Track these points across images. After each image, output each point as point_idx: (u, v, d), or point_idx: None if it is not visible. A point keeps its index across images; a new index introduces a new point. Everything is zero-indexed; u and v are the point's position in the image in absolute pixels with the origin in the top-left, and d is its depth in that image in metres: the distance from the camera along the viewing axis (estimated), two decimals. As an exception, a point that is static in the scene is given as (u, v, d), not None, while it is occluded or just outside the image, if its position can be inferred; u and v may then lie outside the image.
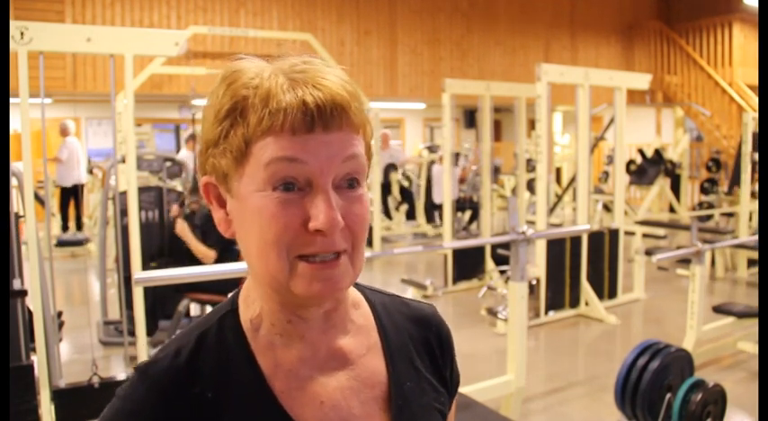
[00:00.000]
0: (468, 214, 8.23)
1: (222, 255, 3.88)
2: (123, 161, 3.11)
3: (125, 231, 3.47)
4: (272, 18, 7.78)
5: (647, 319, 5.21)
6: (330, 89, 0.59)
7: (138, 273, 2.70)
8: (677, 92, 10.34)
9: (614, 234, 5.44)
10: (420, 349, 0.75)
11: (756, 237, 3.92)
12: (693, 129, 10.90)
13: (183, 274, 2.57)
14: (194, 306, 4.20)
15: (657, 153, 8.29)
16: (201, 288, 3.88)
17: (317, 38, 7.85)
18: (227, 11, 7.50)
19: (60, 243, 7.47)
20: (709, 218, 8.31)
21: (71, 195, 8.27)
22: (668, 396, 2.74)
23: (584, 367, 4.24)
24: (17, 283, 2.68)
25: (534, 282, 4.93)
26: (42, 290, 2.85)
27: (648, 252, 5.40)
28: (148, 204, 4.66)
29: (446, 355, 0.78)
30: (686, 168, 8.66)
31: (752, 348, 4.05)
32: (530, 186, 7.95)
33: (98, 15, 6.78)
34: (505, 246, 4.75)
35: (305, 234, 0.59)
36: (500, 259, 5.70)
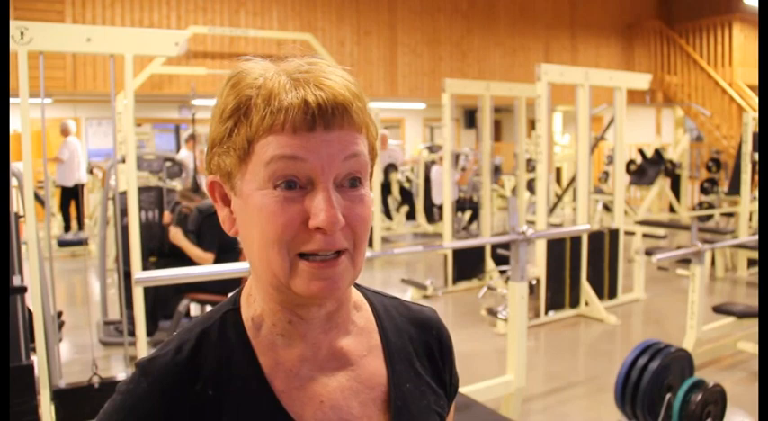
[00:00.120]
0: (468, 214, 8.23)
1: (220, 255, 3.87)
2: (123, 161, 3.11)
3: (125, 231, 3.47)
4: (272, 18, 7.78)
5: (647, 319, 5.21)
6: (332, 89, 0.59)
7: (138, 273, 2.70)
8: (677, 92, 10.34)
9: (614, 234, 5.44)
10: (420, 352, 0.75)
11: (756, 237, 3.91)
12: (693, 129, 10.90)
13: (183, 274, 2.57)
14: (194, 306, 4.20)
15: (657, 153, 8.29)
16: (202, 288, 3.88)
17: (317, 38, 7.86)
18: (227, 11, 7.50)
19: (60, 243, 7.48)
20: (710, 218, 8.32)
21: (72, 195, 8.27)
22: (668, 396, 2.74)
23: (584, 367, 4.24)
24: (17, 280, 2.68)
25: (534, 282, 4.93)
26: (42, 290, 2.85)
27: (648, 252, 5.40)
28: (148, 204, 4.66)
29: (446, 359, 0.78)
30: (686, 168, 8.65)
31: (752, 348, 4.05)
32: (530, 186, 7.95)
33: (98, 15, 6.78)
34: (505, 246, 4.75)
35: (305, 232, 0.59)
36: (500, 259, 5.70)
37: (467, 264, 5.95)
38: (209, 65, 7.37)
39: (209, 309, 0.82)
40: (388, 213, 9.11)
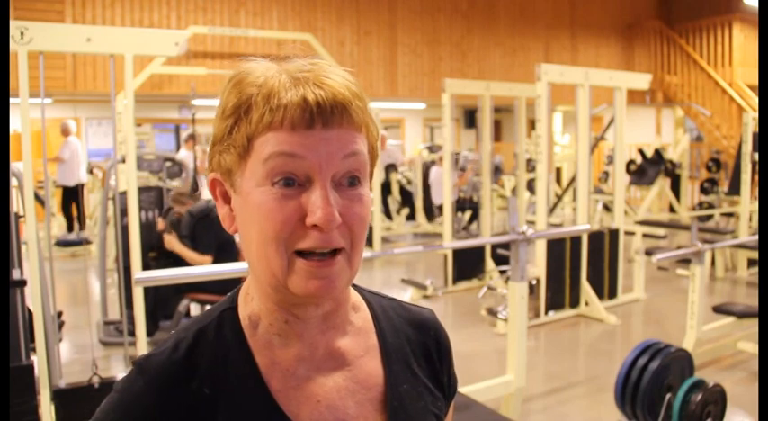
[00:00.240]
0: (468, 214, 8.24)
1: (218, 256, 3.88)
2: (123, 161, 3.11)
3: (125, 231, 3.47)
4: (272, 18, 7.78)
5: (647, 319, 5.21)
6: (332, 87, 0.59)
7: (138, 273, 2.70)
8: (677, 92, 10.34)
9: (614, 234, 5.44)
10: (418, 353, 0.75)
11: (756, 237, 3.91)
12: (693, 129, 10.90)
13: (183, 274, 2.57)
14: (194, 306, 4.20)
15: (657, 153, 8.29)
16: (202, 288, 3.88)
17: (317, 38, 7.86)
18: (227, 11, 7.50)
19: (60, 243, 7.48)
20: (710, 218, 8.32)
21: (73, 195, 8.26)
22: (668, 396, 2.74)
23: (584, 367, 4.24)
24: (16, 274, 2.68)
25: (534, 282, 4.93)
26: (42, 290, 2.85)
27: (648, 252, 5.40)
28: (148, 204, 4.67)
29: (444, 360, 0.78)
30: (686, 168, 8.66)
31: (752, 348, 4.05)
32: (530, 186, 7.95)
33: (98, 15, 6.78)
34: (505, 246, 4.75)
35: (302, 229, 0.59)
36: (500, 259, 5.70)
37: (467, 264, 5.95)
38: (209, 65, 7.37)
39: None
40: (388, 213, 9.12)
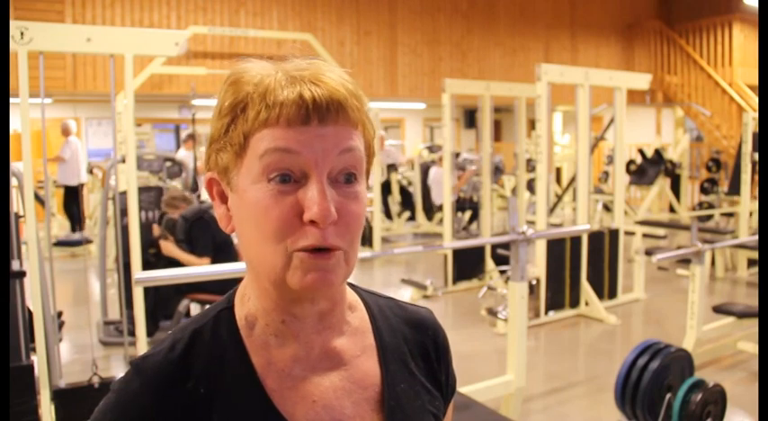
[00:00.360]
0: (468, 214, 8.24)
1: (216, 257, 3.88)
2: (123, 161, 3.11)
3: (125, 231, 3.47)
4: (272, 18, 7.78)
5: (647, 319, 5.21)
6: (328, 85, 0.60)
7: (138, 273, 2.70)
8: (677, 92, 10.34)
9: (614, 234, 5.44)
10: (415, 352, 0.75)
11: (756, 237, 3.91)
12: (693, 129, 10.90)
13: (183, 274, 2.57)
14: (194, 306, 4.20)
15: (657, 153, 8.29)
16: (202, 288, 3.88)
17: (317, 38, 7.86)
18: (227, 11, 7.50)
19: (60, 243, 7.48)
20: (710, 218, 8.32)
21: (76, 194, 8.26)
22: (668, 396, 2.74)
23: (584, 367, 4.24)
24: (16, 265, 2.67)
25: (534, 282, 4.93)
26: (42, 290, 2.85)
27: (648, 252, 5.40)
28: (148, 204, 4.67)
29: (442, 360, 0.78)
30: (686, 168, 8.65)
31: (752, 348, 4.05)
32: (530, 186, 7.95)
33: (98, 15, 6.78)
34: (505, 246, 4.75)
35: (300, 225, 0.59)
36: (500, 259, 5.70)
37: (467, 264, 5.95)
38: (209, 65, 7.36)
39: (209, 309, 0.82)
40: (388, 214, 9.12)
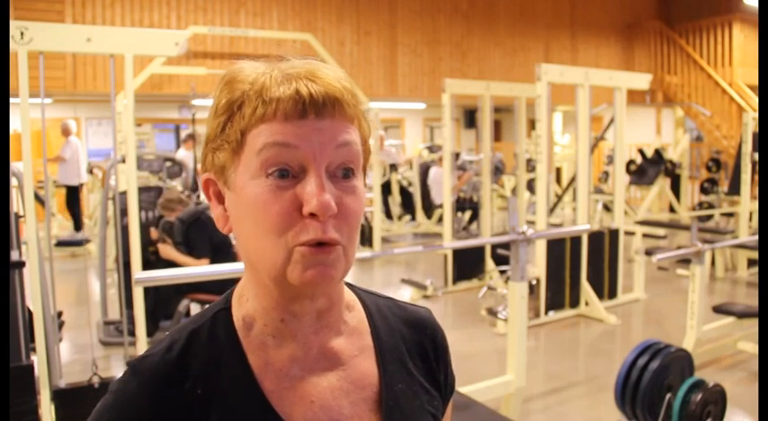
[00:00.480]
0: (468, 214, 8.24)
1: (215, 258, 3.88)
2: (123, 161, 3.11)
3: (125, 231, 3.47)
4: (272, 18, 7.78)
5: (647, 319, 5.21)
6: (323, 81, 0.60)
7: (138, 273, 2.70)
8: (677, 92, 10.34)
9: (614, 234, 5.44)
10: (413, 352, 0.75)
11: (756, 237, 3.91)
12: (693, 129, 10.90)
13: (183, 274, 2.57)
14: (195, 306, 4.20)
15: (657, 153, 8.29)
16: (202, 288, 3.89)
17: (317, 38, 7.85)
18: (227, 11, 7.50)
19: (60, 243, 7.48)
20: (710, 218, 8.31)
21: (77, 194, 8.26)
22: (668, 396, 2.74)
23: (584, 367, 4.24)
24: (15, 255, 2.67)
25: (534, 282, 4.93)
26: (42, 290, 2.85)
27: (648, 252, 5.40)
28: (148, 204, 4.67)
29: (440, 359, 0.77)
30: (686, 168, 8.65)
31: (752, 348, 4.05)
32: (530, 186, 7.95)
33: (98, 15, 6.78)
34: (505, 246, 4.75)
35: (299, 219, 0.59)
36: (500, 259, 5.70)
37: (467, 264, 5.95)
38: (209, 65, 7.37)
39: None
40: (389, 215, 9.12)
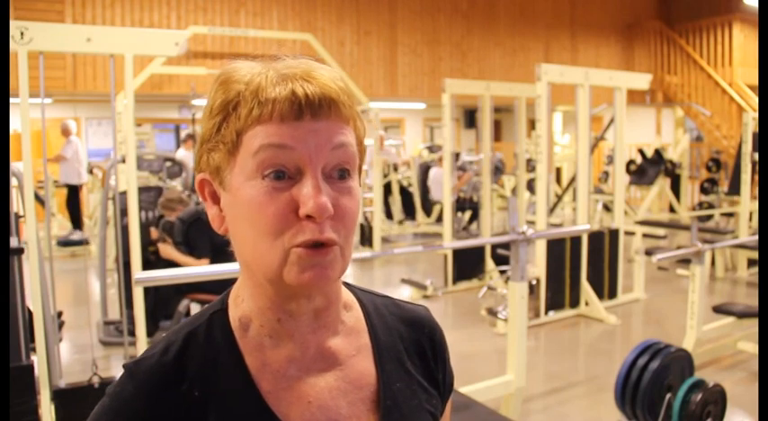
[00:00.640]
0: (468, 214, 8.24)
1: (215, 258, 3.88)
2: (123, 161, 3.11)
3: (125, 231, 3.47)
4: (272, 18, 7.78)
5: (647, 319, 5.21)
6: (319, 81, 0.60)
7: (138, 273, 2.70)
8: (677, 92, 10.34)
9: (614, 234, 5.44)
10: (411, 351, 0.74)
11: (756, 237, 3.91)
12: (693, 129, 10.90)
13: (183, 274, 2.57)
14: (194, 306, 4.20)
15: (657, 153, 8.28)
16: (202, 288, 3.88)
17: (317, 38, 7.86)
18: (227, 11, 7.50)
19: (60, 243, 7.48)
20: (710, 218, 8.31)
21: (77, 193, 8.25)
22: (668, 396, 2.74)
23: (584, 367, 4.24)
24: (14, 241, 2.66)
25: (534, 282, 4.93)
26: (42, 290, 2.85)
27: (648, 252, 5.40)
28: (148, 204, 4.67)
29: (438, 358, 0.77)
30: (686, 168, 8.65)
31: (752, 348, 4.05)
32: (530, 186, 7.95)
33: (98, 15, 6.78)
34: (505, 246, 4.75)
35: (296, 221, 0.59)
36: (500, 259, 5.70)
37: (467, 264, 5.95)
38: (209, 65, 7.37)
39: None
40: (389, 215, 9.12)
